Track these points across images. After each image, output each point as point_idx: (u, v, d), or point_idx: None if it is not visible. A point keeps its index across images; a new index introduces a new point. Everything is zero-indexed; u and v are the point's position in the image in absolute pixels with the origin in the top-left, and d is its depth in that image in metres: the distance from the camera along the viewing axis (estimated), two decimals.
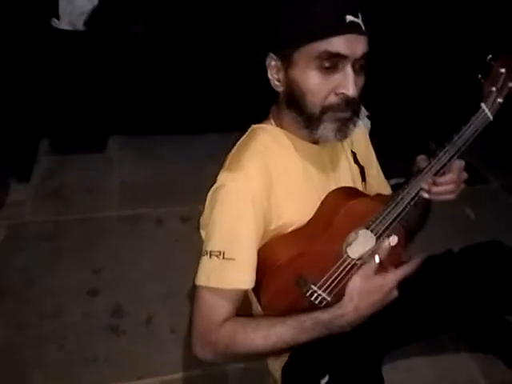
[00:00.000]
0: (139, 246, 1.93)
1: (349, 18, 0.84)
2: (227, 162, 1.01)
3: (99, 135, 2.61)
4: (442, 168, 0.93)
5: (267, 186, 0.97)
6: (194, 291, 0.98)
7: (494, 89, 0.89)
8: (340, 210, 0.97)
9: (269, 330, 0.91)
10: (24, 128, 2.33)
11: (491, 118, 0.91)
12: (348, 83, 0.88)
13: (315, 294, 0.98)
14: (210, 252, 0.94)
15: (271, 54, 0.95)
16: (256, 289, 0.97)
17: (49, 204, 2.13)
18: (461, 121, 0.92)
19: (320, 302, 0.99)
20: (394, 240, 0.95)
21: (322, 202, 1.03)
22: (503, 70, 0.88)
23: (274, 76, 0.97)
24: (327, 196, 1.03)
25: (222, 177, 0.96)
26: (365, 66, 0.92)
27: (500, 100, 0.90)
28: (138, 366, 1.45)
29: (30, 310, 1.61)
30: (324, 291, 0.98)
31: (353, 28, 0.85)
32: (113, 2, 2.24)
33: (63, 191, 2.23)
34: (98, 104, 2.48)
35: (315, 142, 1.03)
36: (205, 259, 0.95)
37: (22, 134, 2.31)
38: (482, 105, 0.90)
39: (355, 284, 0.93)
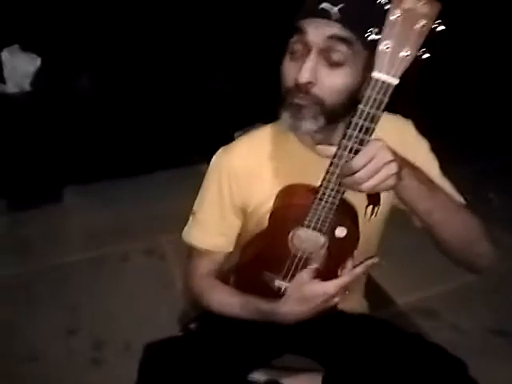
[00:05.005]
0: (109, 283, 2.06)
1: (323, 4, 0.84)
2: None
3: (54, 187, 2.71)
4: (351, 153, 0.79)
5: (249, 171, 1.05)
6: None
7: (388, 45, 0.72)
8: (282, 209, 1.00)
9: (228, 298, 1.10)
10: None
11: (395, 82, 0.73)
12: (302, 68, 0.86)
13: (278, 286, 1.07)
14: (192, 211, 1.14)
15: None
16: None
17: (14, 258, 2.22)
18: None
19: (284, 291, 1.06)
20: (341, 232, 0.95)
21: (274, 201, 1.03)
22: (399, 12, 0.70)
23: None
24: (277, 195, 1.03)
25: (218, 150, 1.11)
26: (343, 63, 0.86)
27: (407, 52, 0.71)
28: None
29: (15, 358, 1.68)
30: (285, 282, 1.05)
31: (322, 13, 0.84)
32: (55, 61, 2.41)
33: (26, 245, 2.31)
34: (49, 158, 2.60)
35: None
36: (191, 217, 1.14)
37: None
38: (374, 74, 0.73)
39: (292, 289, 0.99)
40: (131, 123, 2.74)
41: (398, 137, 0.98)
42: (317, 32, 0.85)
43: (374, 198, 1.06)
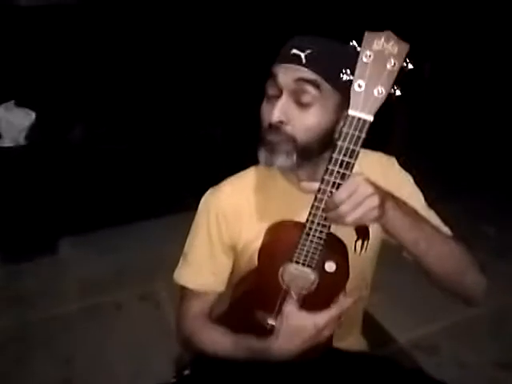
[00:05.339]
0: (104, 333, 2.05)
1: (293, 51, 0.91)
2: None
3: (48, 240, 2.72)
4: (334, 188, 0.81)
5: (237, 209, 1.08)
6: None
7: (361, 85, 0.75)
8: (270, 245, 1.00)
9: (220, 338, 1.08)
10: None
11: (370, 119, 0.77)
12: (274, 108, 0.92)
13: (270, 324, 1.04)
14: (183, 252, 1.15)
15: None
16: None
17: (9, 310, 2.20)
18: None
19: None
20: (330, 267, 0.95)
21: (263, 238, 1.03)
22: (369, 53, 0.74)
23: None
24: (266, 231, 1.04)
25: (207, 192, 1.13)
26: (312, 104, 0.91)
27: (379, 90, 0.75)
28: None
29: None
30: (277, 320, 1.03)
31: (292, 58, 0.91)
32: (49, 115, 2.48)
33: (22, 296, 2.31)
34: (44, 210, 2.62)
35: None
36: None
37: None
38: (350, 111, 0.77)
39: (280, 324, 0.98)
40: (124, 173, 2.78)
41: (380, 172, 1.02)
42: (286, 75, 0.91)
43: (363, 233, 1.08)
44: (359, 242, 1.07)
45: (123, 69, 2.77)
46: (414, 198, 1.06)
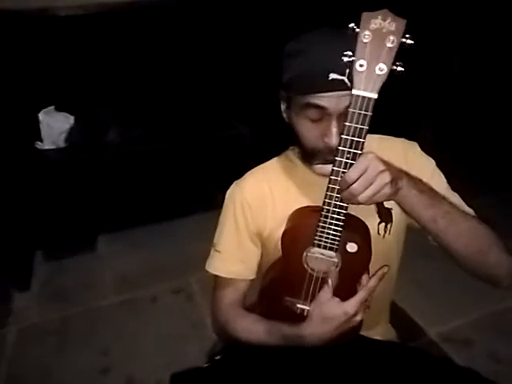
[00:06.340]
0: (139, 324, 2.13)
1: (332, 75, 0.86)
2: None
3: (87, 237, 2.84)
4: (346, 168, 0.84)
5: (261, 198, 1.12)
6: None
7: (363, 64, 0.77)
8: (291, 230, 1.02)
9: (252, 325, 1.11)
10: (19, 244, 2.55)
11: (374, 96, 0.78)
12: (331, 134, 0.92)
13: (300, 309, 1.07)
14: (212, 243, 1.19)
15: (281, 91, 1.03)
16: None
17: (51, 304, 2.31)
18: None
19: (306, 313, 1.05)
20: (352, 247, 0.96)
21: (285, 225, 1.05)
22: (368, 33, 0.75)
23: (283, 110, 1.06)
24: (288, 218, 1.06)
25: (232, 184, 1.18)
26: None
27: (381, 68, 0.76)
28: None
29: None
30: (306, 304, 1.05)
31: (335, 85, 0.86)
32: (86, 119, 2.60)
33: (62, 292, 2.41)
34: (83, 210, 2.74)
35: None
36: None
37: (18, 250, 2.54)
38: (354, 91, 0.79)
39: (313, 310, 1.00)
40: (157, 173, 2.86)
41: (402, 156, 1.04)
42: (336, 105, 0.91)
43: (385, 215, 1.09)
44: (382, 225, 1.08)
45: (156, 72, 2.86)
46: (436, 179, 1.06)
